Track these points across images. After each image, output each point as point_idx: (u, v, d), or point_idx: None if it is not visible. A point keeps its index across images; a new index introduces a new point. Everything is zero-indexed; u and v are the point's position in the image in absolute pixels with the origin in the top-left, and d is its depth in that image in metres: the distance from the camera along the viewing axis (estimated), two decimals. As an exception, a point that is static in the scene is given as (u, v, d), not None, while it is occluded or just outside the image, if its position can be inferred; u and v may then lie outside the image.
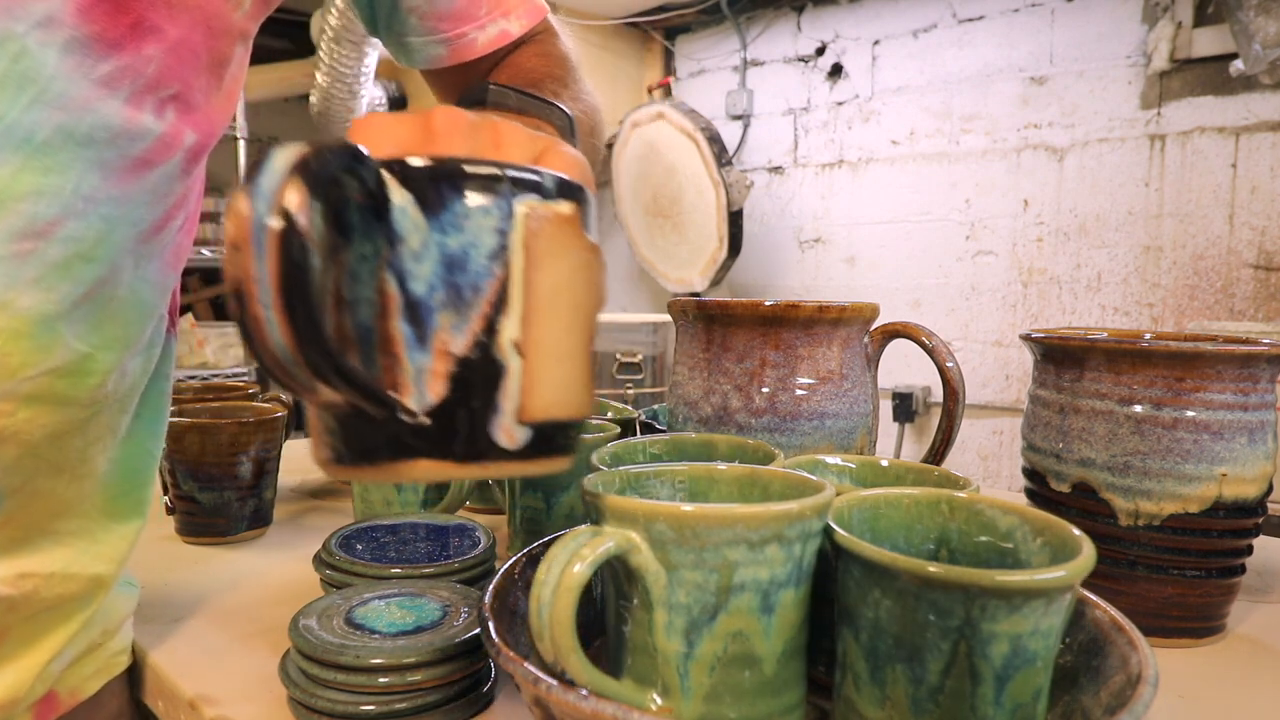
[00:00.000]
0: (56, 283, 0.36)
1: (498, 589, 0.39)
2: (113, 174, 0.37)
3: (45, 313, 0.36)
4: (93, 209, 0.37)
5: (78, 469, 0.42)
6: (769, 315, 0.58)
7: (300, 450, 1.04)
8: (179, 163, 0.40)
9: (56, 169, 0.35)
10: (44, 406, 0.38)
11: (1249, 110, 2.06)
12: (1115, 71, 2.25)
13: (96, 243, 0.37)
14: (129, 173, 0.38)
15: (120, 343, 0.41)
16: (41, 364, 0.37)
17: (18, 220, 0.34)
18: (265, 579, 0.61)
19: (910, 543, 0.38)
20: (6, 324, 0.35)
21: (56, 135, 0.35)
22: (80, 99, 0.35)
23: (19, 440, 0.38)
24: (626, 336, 1.81)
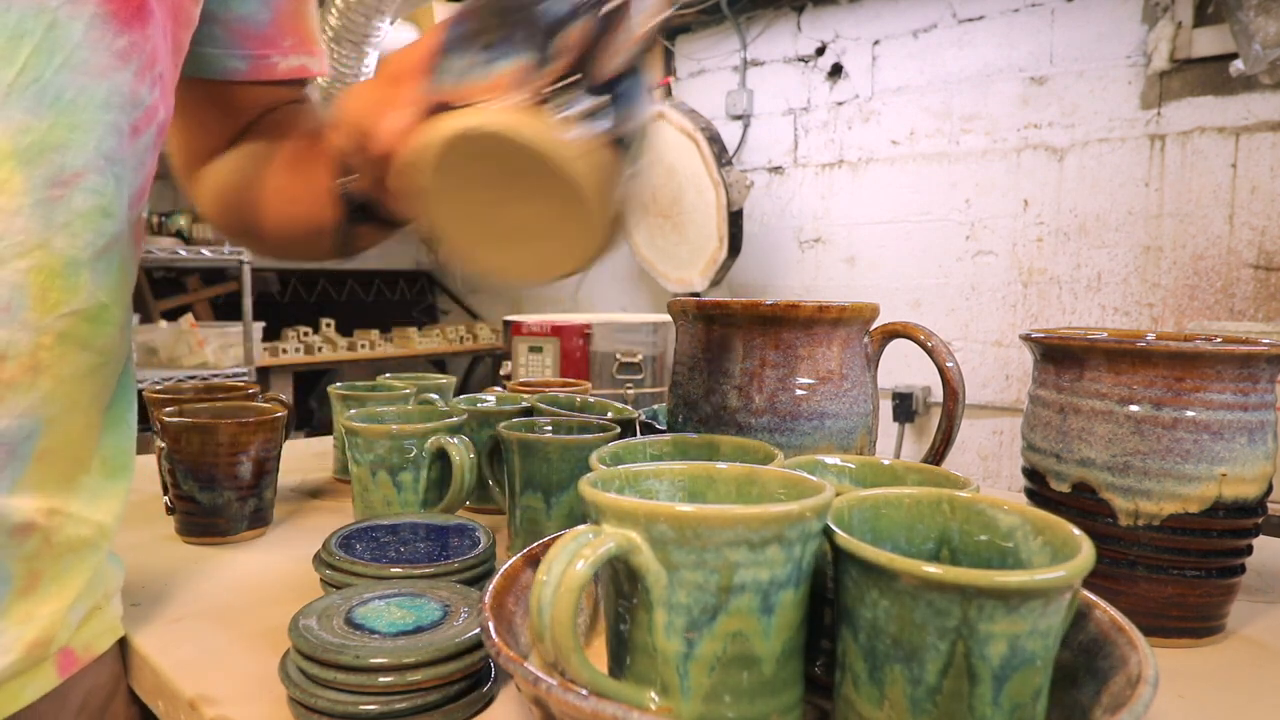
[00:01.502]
0: (81, 230, 0.41)
1: (498, 589, 0.39)
2: (123, 138, 0.42)
3: (73, 257, 0.41)
4: (109, 168, 0.42)
5: (91, 413, 0.46)
6: (769, 315, 0.58)
7: (300, 450, 1.04)
8: (154, 134, 0.45)
9: (82, 126, 0.40)
10: (71, 346, 0.42)
11: (1249, 110, 2.06)
12: (1115, 71, 2.25)
13: (113, 198, 0.43)
14: (129, 138, 0.43)
15: (123, 301, 0.47)
16: (71, 303, 0.42)
17: (50, 168, 0.40)
18: (265, 579, 0.61)
19: (911, 542, 0.38)
20: (45, 261, 0.40)
21: (81, 96, 0.40)
22: (100, 67, 0.41)
23: (54, 374, 0.42)
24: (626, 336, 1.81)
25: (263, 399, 0.82)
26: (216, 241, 2.58)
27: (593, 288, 3.53)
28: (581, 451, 0.60)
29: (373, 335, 3.39)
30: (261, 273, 3.69)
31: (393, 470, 0.65)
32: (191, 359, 2.66)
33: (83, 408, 0.45)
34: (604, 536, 0.32)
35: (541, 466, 0.60)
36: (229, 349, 2.72)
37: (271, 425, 0.69)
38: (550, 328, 1.85)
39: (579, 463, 0.60)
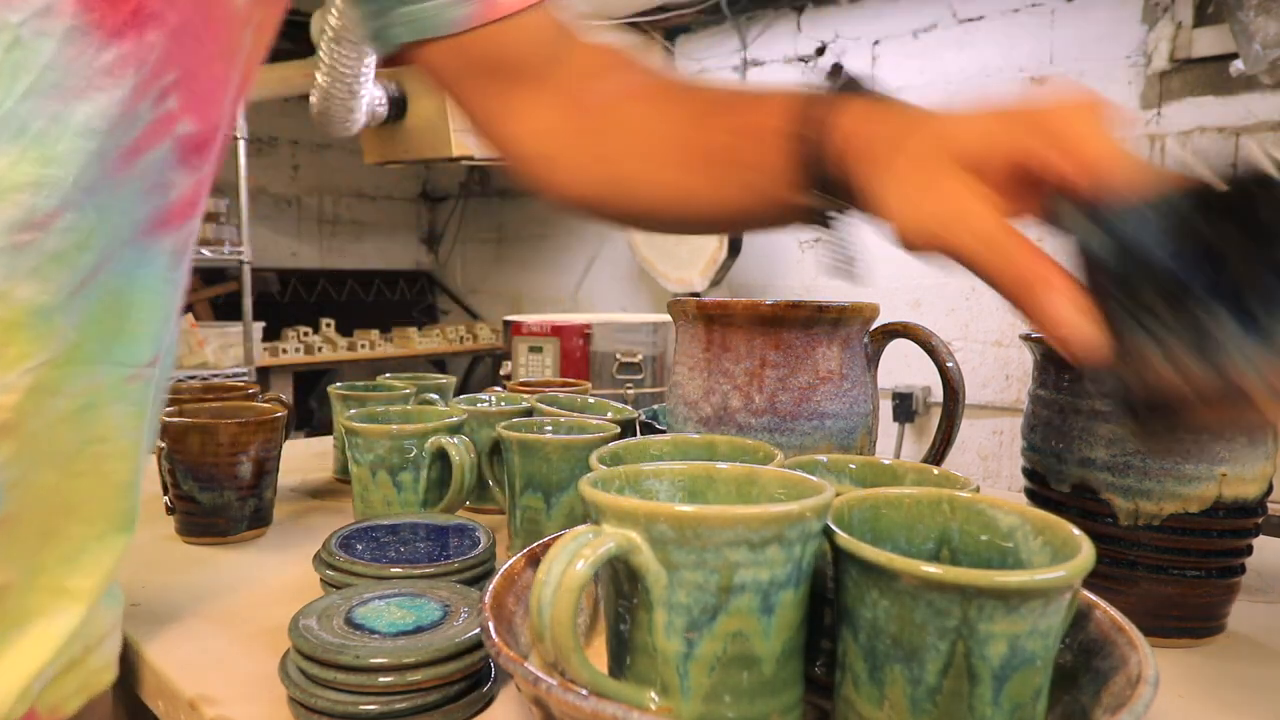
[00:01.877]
0: (54, 273, 0.36)
1: (497, 589, 0.39)
2: (109, 164, 0.37)
3: (42, 304, 0.36)
4: (89, 200, 0.36)
5: (71, 466, 0.41)
6: (769, 315, 0.58)
7: (300, 450, 1.04)
8: (171, 150, 0.39)
9: (57, 160, 0.35)
10: (41, 397, 0.37)
11: (1249, 110, 2.06)
12: (1115, 71, 2.25)
13: (91, 232, 0.37)
14: (121, 161, 0.37)
15: (114, 336, 0.41)
16: (39, 355, 0.36)
17: (16, 211, 0.34)
18: (265, 579, 0.61)
19: (911, 542, 0.38)
20: (6, 315, 0.35)
21: (53, 126, 0.34)
22: (76, 88, 0.35)
23: (19, 433, 0.37)
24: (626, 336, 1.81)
25: (263, 399, 0.82)
26: (216, 241, 2.58)
27: (593, 288, 3.53)
28: (581, 451, 0.60)
29: (373, 335, 3.39)
30: (261, 273, 3.69)
31: (393, 470, 0.65)
32: (191, 359, 2.66)
33: (57, 460, 0.40)
34: (604, 536, 0.32)
35: (541, 466, 0.60)
36: (229, 349, 2.72)
37: (271, 425, 0.69)
38: (550, 328, 1.85)
39: (579, 463, 0.60)
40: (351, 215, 4.13)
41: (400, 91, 2.98)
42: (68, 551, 0.42)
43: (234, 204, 2.63)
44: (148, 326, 0.42)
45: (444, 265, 4.38)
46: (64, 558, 0.41)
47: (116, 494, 0.43)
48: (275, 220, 3.87)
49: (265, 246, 3.78)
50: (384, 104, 2.93)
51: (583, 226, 3.58)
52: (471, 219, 4.18)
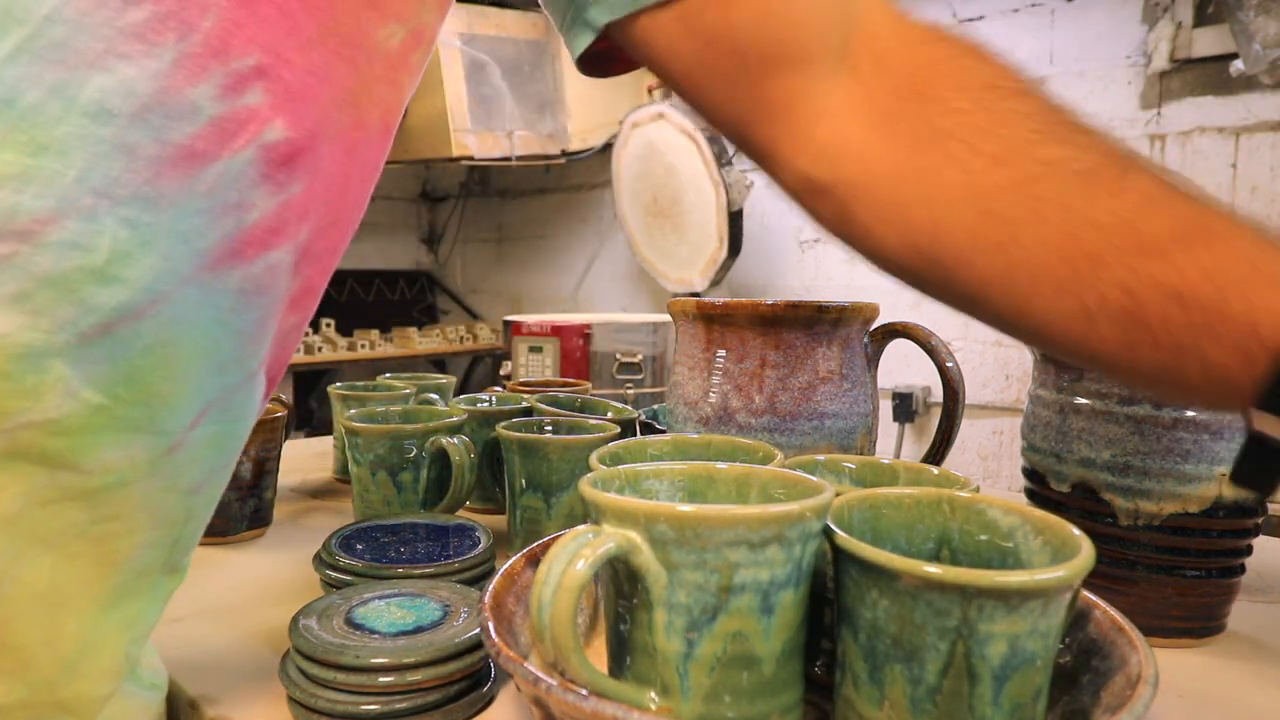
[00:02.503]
0: (48, 304, 0.27)
1: (497, 589, 0.39)
2: (142, 164, 0.28)
3: (29, 344, 0.27)
4: (109, 209, 0.27)
5: (68, 547, 0.31)
6: (769, 315, 0.58)
7: (300, 450, 1.04)
8: (253, 162, 0.30)
9: (53, 148, 0.26)
10: (26, 467, 0.29)
11: (1249, 110, 2.06)
12: (1115, 71, 2.25)
13: (117, 257, 0.28)
14: (168, 165, 0.28)
15: (164, 400, 0.31)
16: (22, 412, 0.28)
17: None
18: (265, 579, 0.61)
19: (911, 542, 0.38)
20: None
21: (52, 100, 0.26)
22: (90, 53, 0.26)
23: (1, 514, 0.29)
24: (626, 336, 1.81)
25: (263, 399, 0.82)
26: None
27: (593, 288, 3.54)
28: (581, 451, 0.60)
29: (373, 335, 3.39)
30: (261, 273, 3.69)
31: (393, 470, 0.65)
32: (191, 359, 2.66)
33: (51, 544, 0.30)
34: (604, 536, 0.32)
35: (541, 466, 0.60)
36: (229, 349, 2.71)
37: (271, 425, 0.69)
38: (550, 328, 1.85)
39: (579, 463, 0.60)
40: (351, 215, 4.12)
41: (400, 91, 2.98)
42: (66, 655, 0.32)
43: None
44: (198, 381, 0.32)
45: (444, 265, 4.38)
46: (63, 663, 0.32)
47: (123, 576, 0.34)
48: (275, 220, 3.86)
49: (265, 246, 3.77)
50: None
51: (583, 226, 3.58)
52: (471, 219, 4.18)
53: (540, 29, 2.90)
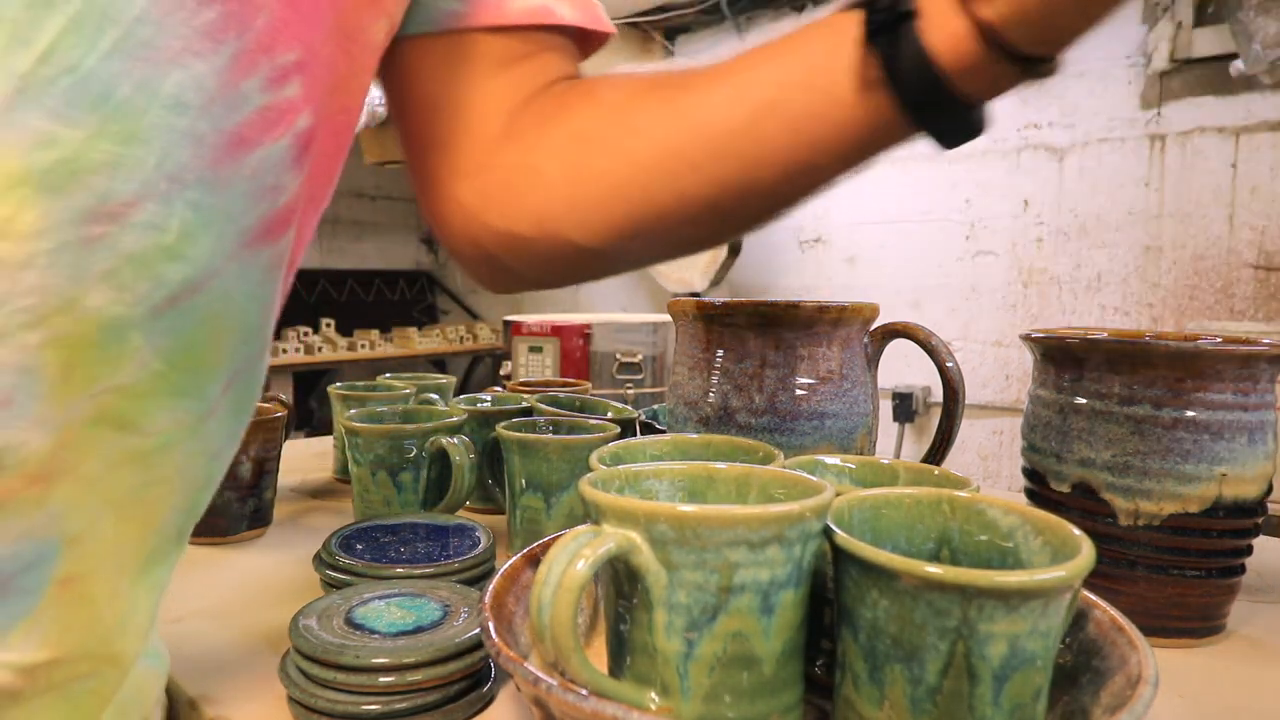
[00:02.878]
0: (131, 280, 0.30)
1: (497, 589, 0.39)
2: (205, 150, 0.30)
3: (117, 315, 0.30)
4: (178, 192, 0.30)
5: (124, 510, 0.34)
6: (769, 315, 0.58)
7: (300, 450, 1.04)
8: (287, 147, 0.33)
9: (140, 137, 0.28)
10: (105, 431, 0.31)
11: (1249, 110, 2.06)
12: (1115, 71, 2.25)
13: (184, 236, 0.31)
14: (223, 151, 0.31)
15: (208, 367, 0.34)
16: (107, 378, 0.30)
17: (88, 197, 0.28)
18: (265, 579, 0.61)
19: (911, 543, 0.38)
20: (72, 328, 0.29)
21: (139, 94, 0.28)
22: (172, 50, 0.29)
23: (77, 475, 0.31)
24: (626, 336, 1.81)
25: (263, 399, 0.82)
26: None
27: (593, 288, 3.54)
28: (581, 451, 0.60)
29: (373, 335, 3.39)
30: (261, 273, 3.69)
31: (393, 470, 0.65)
32: (191, 359, 2.66)
33: (113, 506, 0.33)
34: (604, 536, 0.32)
35: (541, 466, 0.60)
36: (229, 349, 2.71)
37: (271, 425, 0.69)
38: (550, 328, 1.85)
39: (579, 463, 0.60)
40: (351, 215, 4.13)
41: (400, 91, 2.98)
42: (115, 608, 0.35)
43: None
44: (231, 350, 0.35)
45: (444, 265, 4.38)
46: (111, 616, 0.35)
47: (158, 539, 0.36)
48: (275, 220, 3.87)
49: (265, 246, 3.78)
50: (384, 104, 2.92)
51: (583, 226, 3.58)
52: (471, 219, 4.18)
53: (540, 29, 2.90)
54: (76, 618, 0.33)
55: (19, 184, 0.27)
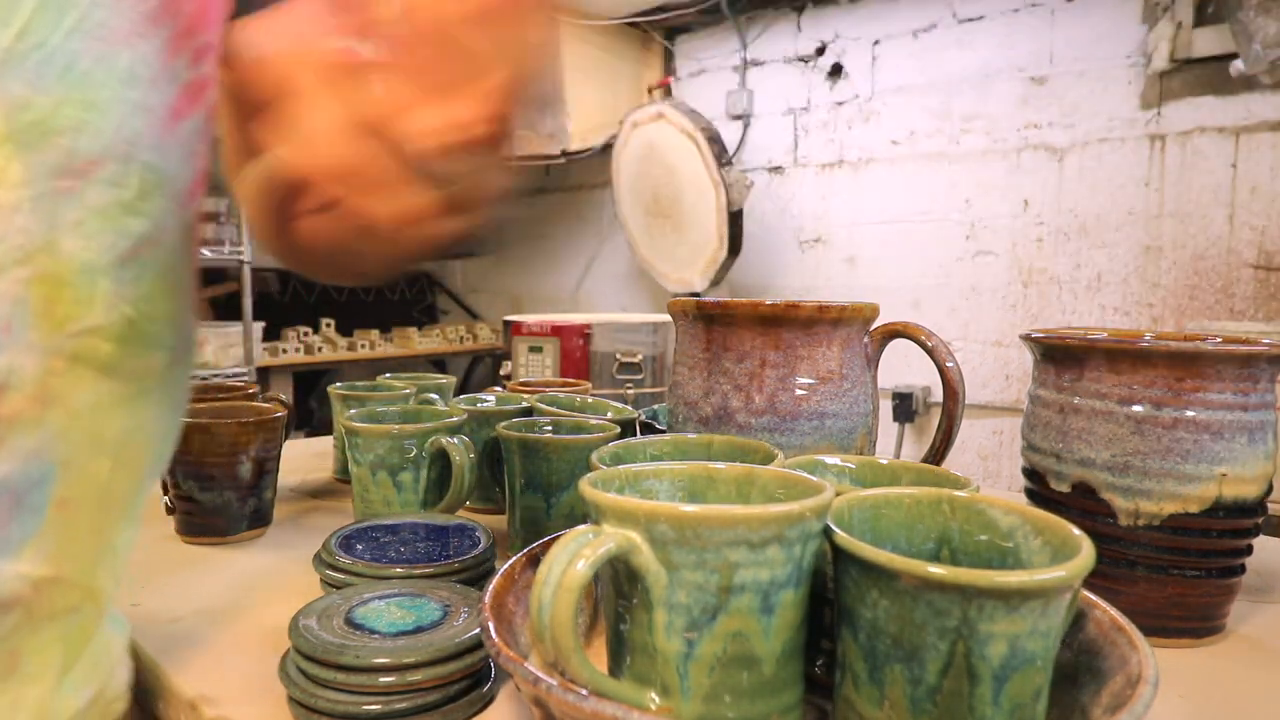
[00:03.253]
0: (97, 230, 0.34)
1: (498, 589, 0.39)
2: (155, 121, 0.35)
3: (87, 261, 0.34)
4: (135, 155, 0.35)
5: (119, 454, 0.38)
6: (769, 315, 0.58)
7: (300, 450, 1.04)
8: (205, 119, 0.38)
9: (99, 105, 0.33)
10: (87, 371, 0.35)
11: (1249, 110, 2.06)
12: (1115, 71, 2.25)
13: (140, 194, 0.35)
14: (166, 122, 0.36)
15: (166, 316, 0.39)
16: (84, 319, 0.35)
17: (57, 155, 0.33)
18: (265, 579, 0.61)
19: (911, 542, 0.38)
20: (51, 268, 0.33)
21: (98, 67, 0.33)
22: (122, 32, 0.34)
23: (66, 406, 0.35)
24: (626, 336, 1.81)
25: (263, 399, 0.82)
26: (216, 241, 2.58)
27: (593, 288, 3.54)
28: (581, 451, 0.60)
29: (373, 335, 3.39)
30: (261, 272, 3.69)
31: (393, 470, 0.65)
32: (191, 359, 2.66)
33: (109, 448, 0.37)
34: (604, 536, 0.32)
35: (541, 466, 0.60)
36: (229, 349, 2.72)
37: (271, 425, 0.69)
38: (550, 328, 1.85)
39: (579, 463, 0.60)
40: (351, 215, 4.12)
41: (400, 91, 2.97)
42: (94, 543, 0.39)
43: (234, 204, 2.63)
44: (181, 302, 0.41)
45: (444, 265, 4.38)
46: (92, 550, 0.39)
47: (138, 490, 0.41)
48: (275, 220, 3.86)
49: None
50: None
51: (583, 226, 3.58)
52: (471, 219, 4.18)
53: (540, 29, 2.90)
54: (69, 541, 0.37)
55: (4, 141, 0.32)
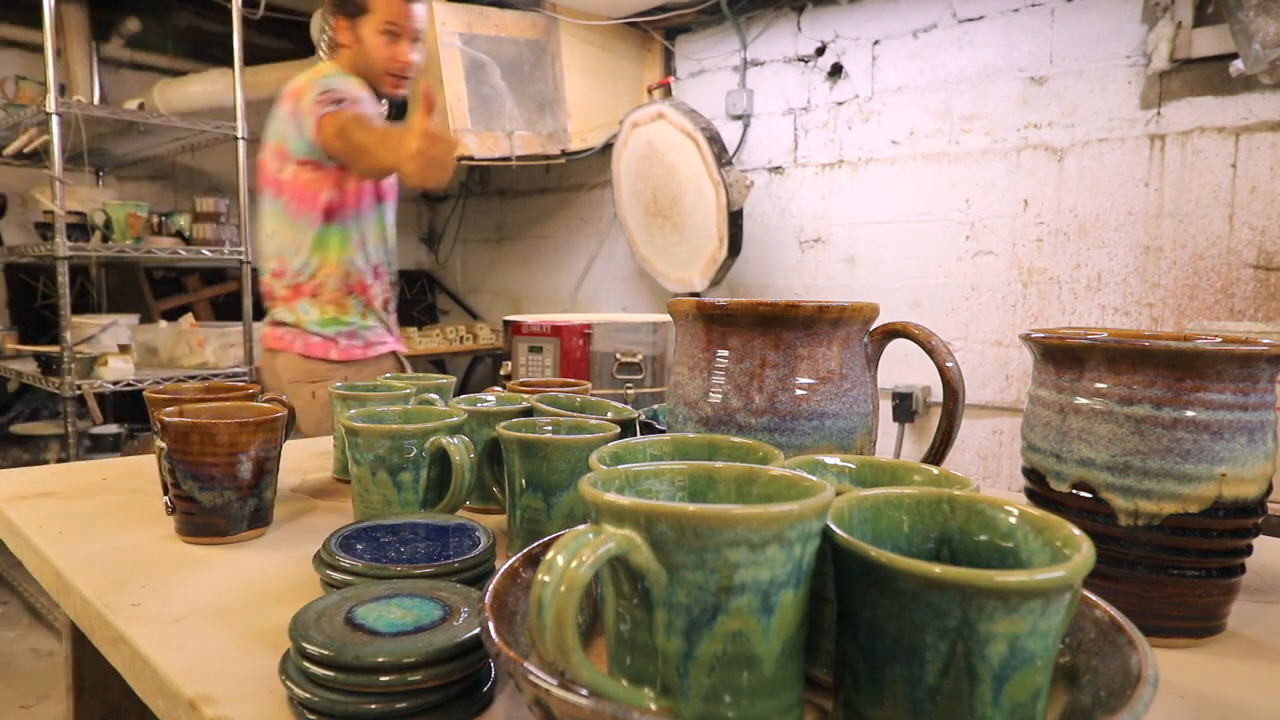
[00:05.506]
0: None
1: (498, 589, 0.39)
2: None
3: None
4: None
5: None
6: (769, 315, 0.58)
7: (300, 450, 1.04)
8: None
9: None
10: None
11: (1249, 110, 2.06)
12: (1115, 71, 2.25)
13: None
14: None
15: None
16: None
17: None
18: (265, 579, 0.61)
19: (911, 542, 0.38)
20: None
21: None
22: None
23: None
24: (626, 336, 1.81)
25: (263, 399, 0.82)
26: (216, 241, 2.58)
27: (593, 288, 3.53)
28: (581, 451, 0.60)
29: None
30: (261, 273, 3.69)
31: (393, 470, 0.65)
32: (191, 359, 2.66)
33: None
34: (604, 536, 0.32)
35: (541, 466, 0.60)
36: (229, 349, 2.72)
37: (271, 425, 0.69)
38: (550, 328, 1.85)
39: (579, 463, 0.60)
40: (351, 215, 4.13)
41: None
42: None
43: (234, 204, 2.63)
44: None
45: (444, 265, 4.38)
46: None
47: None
48: (275, 220, 3.87)
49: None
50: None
51: (583, 226, 3.58)
52: (471, 219, 4.18)
53: (540, 29, 2.90)
54: None
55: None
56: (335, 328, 1.59)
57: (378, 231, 1.64)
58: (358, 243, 1.60)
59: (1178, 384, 0.49)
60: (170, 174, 3.55)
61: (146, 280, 3.39)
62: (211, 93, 2.94)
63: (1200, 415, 0.49)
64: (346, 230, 1.58)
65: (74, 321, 2.42)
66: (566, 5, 2.90)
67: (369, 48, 1.60)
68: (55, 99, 2.15)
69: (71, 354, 2.26)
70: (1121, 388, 0.50)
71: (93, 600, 0.56)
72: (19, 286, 3.23)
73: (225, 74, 2.88)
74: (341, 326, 1.59)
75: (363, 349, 1.61)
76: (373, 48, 1.59)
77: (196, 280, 3.55)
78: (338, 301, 1.59)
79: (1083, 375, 0.52)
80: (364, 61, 1.62)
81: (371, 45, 1.59)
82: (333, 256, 1.57)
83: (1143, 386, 0.50)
